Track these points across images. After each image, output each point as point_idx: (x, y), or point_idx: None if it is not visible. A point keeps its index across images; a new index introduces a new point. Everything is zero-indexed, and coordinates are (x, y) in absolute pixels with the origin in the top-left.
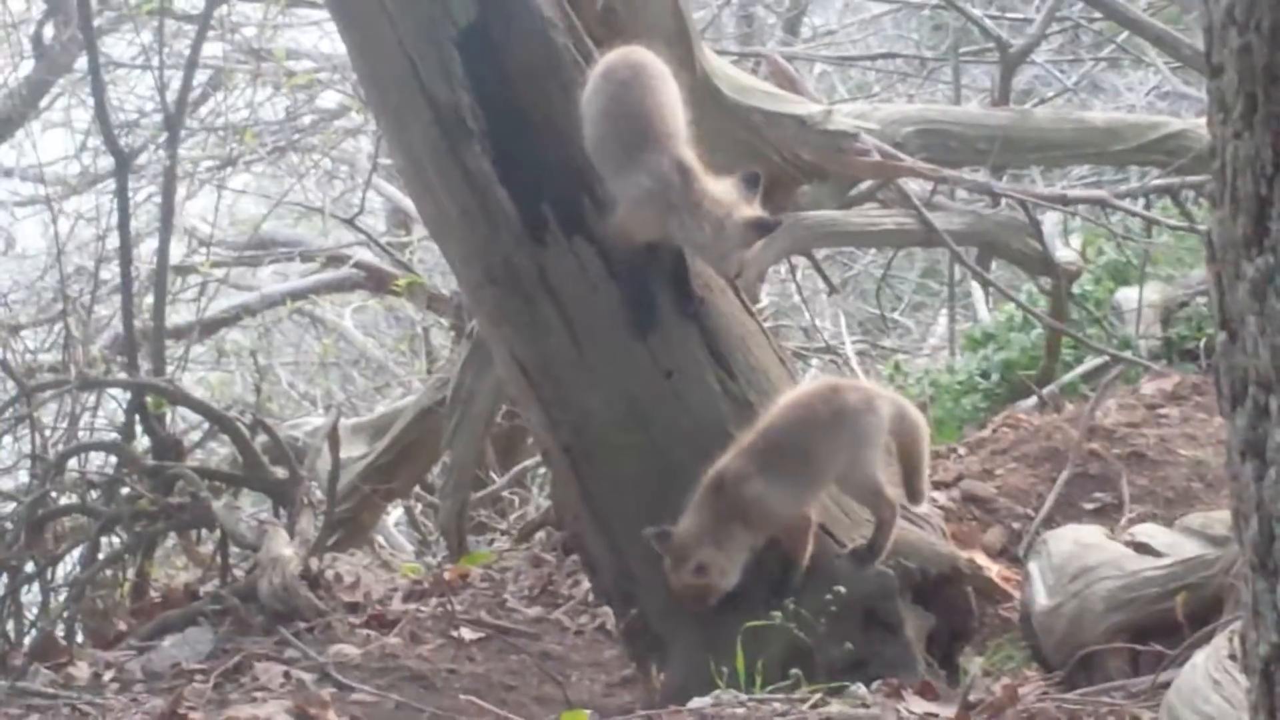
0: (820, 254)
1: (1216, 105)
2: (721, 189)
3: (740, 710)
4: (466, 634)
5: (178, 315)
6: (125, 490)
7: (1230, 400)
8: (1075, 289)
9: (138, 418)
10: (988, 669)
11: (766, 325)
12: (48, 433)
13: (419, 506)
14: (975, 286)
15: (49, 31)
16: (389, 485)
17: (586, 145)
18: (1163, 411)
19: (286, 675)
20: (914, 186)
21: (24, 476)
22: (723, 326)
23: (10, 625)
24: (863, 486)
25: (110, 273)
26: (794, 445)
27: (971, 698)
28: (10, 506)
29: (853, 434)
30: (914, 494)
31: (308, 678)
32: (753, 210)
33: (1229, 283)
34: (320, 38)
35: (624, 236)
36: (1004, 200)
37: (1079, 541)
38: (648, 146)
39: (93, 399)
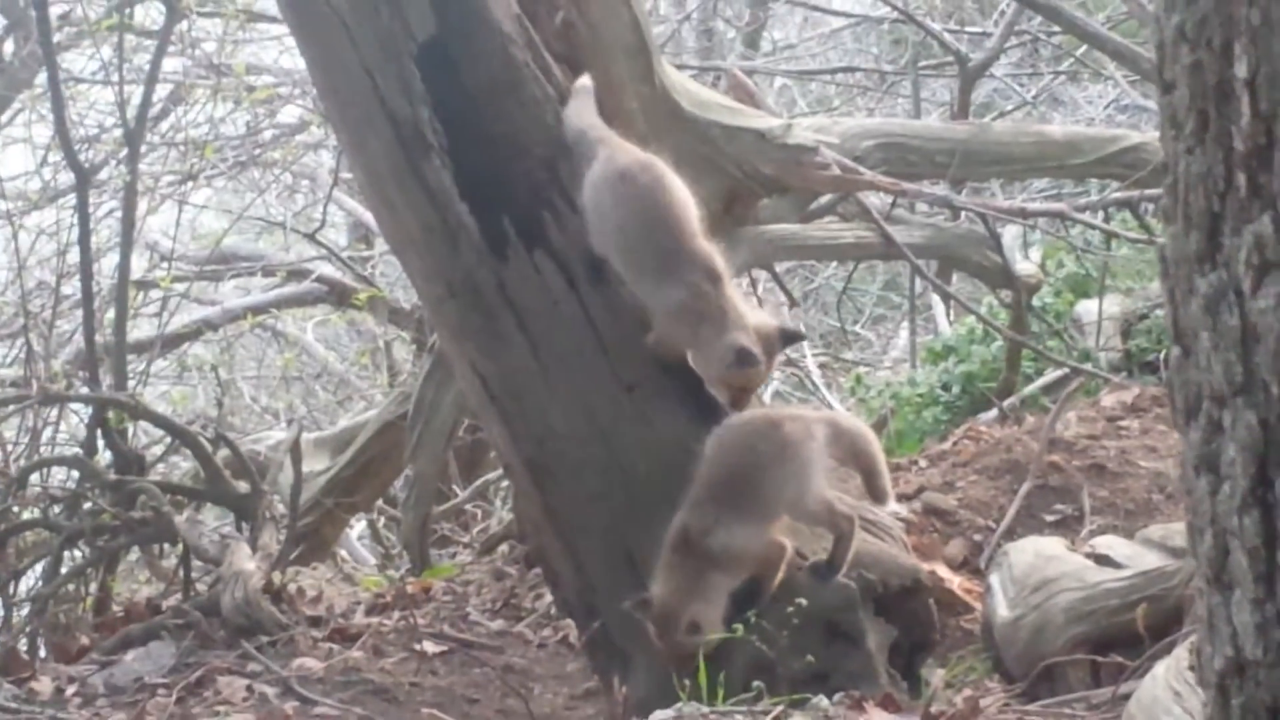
0: (781, 267)
1: (1169, 122)
2: (743, 299)
3: None
4: (429, 647)
5: (139, 330)
6: (87, 505)
7: (1184, 415)
8: (1035, 302)
9: (99, 432)
10: (949, 680)
11: None
12: (9, 448)
13: (381, 520)
14: (936, 299)
15: (8, 47)
16: (351, 499)
17: (603, 243)
18: (1123, 424)
19: (249, 689)
20: (874, 200)
21: None
22: None
23: None
24: (814, 511)
25: (71, 288)
26: (745, 486)
27: (933, 709)
28: None
29: (797, 465)
30: (878, 495)
31: (270, 691)
32: (775, 320)
33: (1182, 298)
34: (281, 53)
35: (667, 350)
36: (964, 213)
37: (1040, 553)
38: (681, 256)
39: (54, 414)
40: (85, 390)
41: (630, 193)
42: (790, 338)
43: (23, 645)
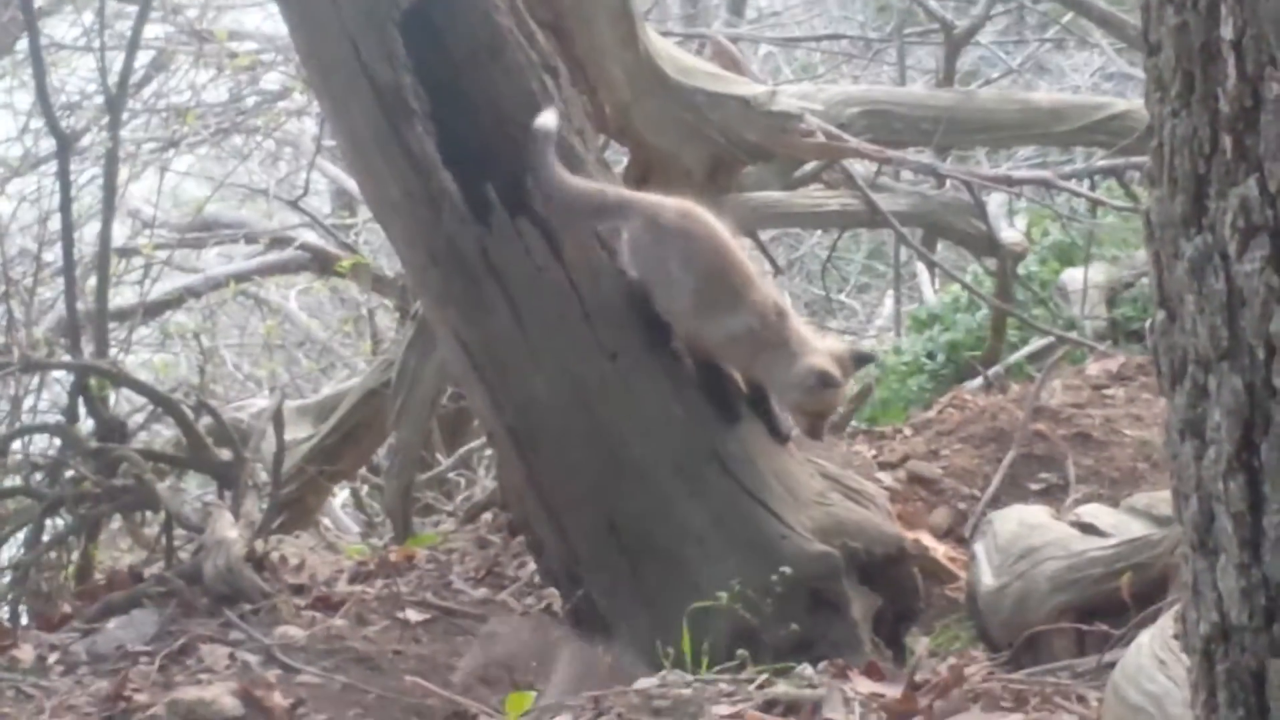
0: (766, 235)
1: (1154, 84)
2: (809, 331)
3: (686, 691)
4: (412, 615)
5: (121, 297)
6: (69, 473)
7: (1170, 379)
8: (1020, 270)
9: (81, 400)
10: (934, 649)
11: None
12: None
13: (364, 488)
14: (921, 268)
15: None
16: (334, 467)
17: (671, 296)
18: (1108, 392)
19: (232, 657)
20: (859, 167)
21: None
22: None
23: None
24: None
25: (53, 255)
26: None
27: (917, 678)
28: None
29: None
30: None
31: (253, 659)
32: (840, 348)
33: (1167, 262)
34: (263, 19)
35: (709, 356)
36: (949, 181)
37: (1024, 522)
38: (751, 292)
39: (36, 381)
40: (67, 358)
41: (692, 245)
42: (862, 359)
43: (4, 613)
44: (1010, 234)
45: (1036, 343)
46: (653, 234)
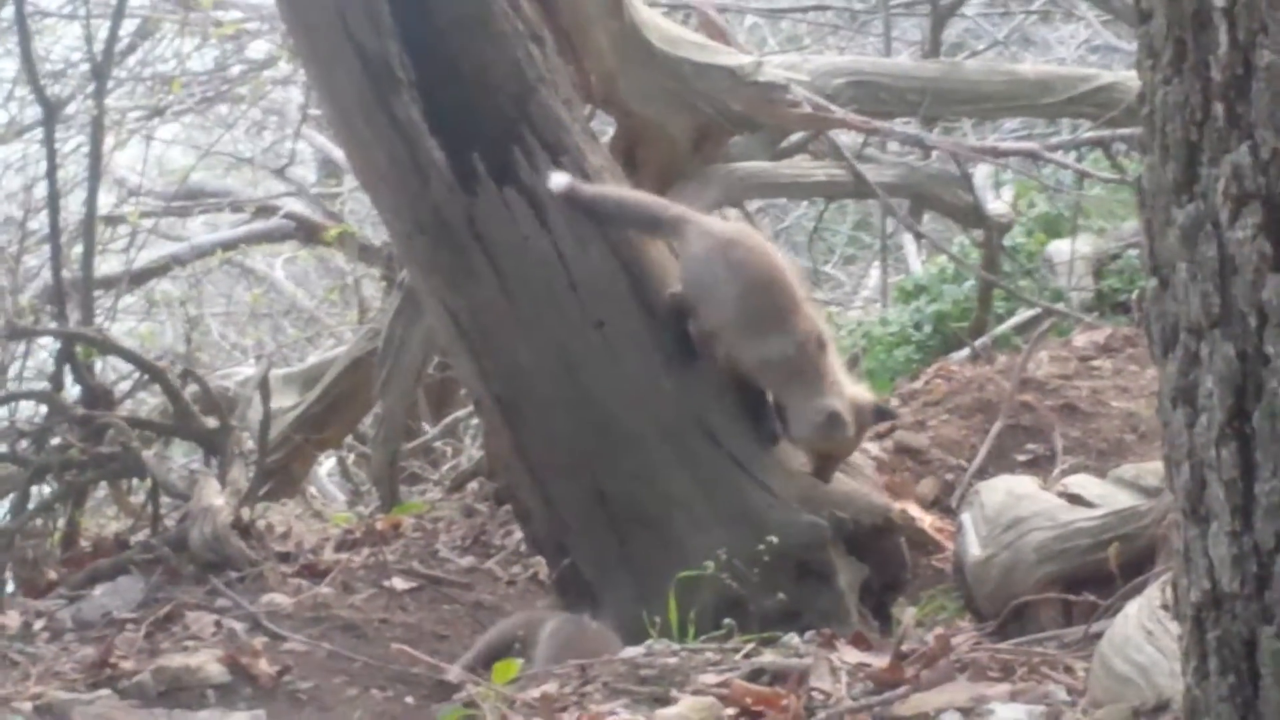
0: (752, 206)
1: (1146, 51)
2: (843, 372)
3: (673, 660)
4: (399, 584)
5: (107, 265)
6: (55, 440)
7: (1161, 347)
8: (1007, 241)
9: (67, 367)
10: (921, 619)
11: None
12: None
13: (351, 456)
14: (907, 239)
15: None
16: (320, 435)
17: (716, 312)
18: (1095, 363)
19: (218, 624)
20: (845, 138)
21: None
22: (652, 276)
23: None
24: None
25: (39, 223)
26: None
27: (904, 648)
28: None
29: None
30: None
31: (239, 627)
32: (866, 398)
33: (1159, 229)
34: None
35: (744, 377)
36: (935, 152)
37: (1011, 492)
38: (797, 315)
39: (22, 349)
40: (53, 325)
41: (744, 259)
42: (883, 414)
43: None
44: (997, 205)
45: (1023, 314)
46: (706, 250)
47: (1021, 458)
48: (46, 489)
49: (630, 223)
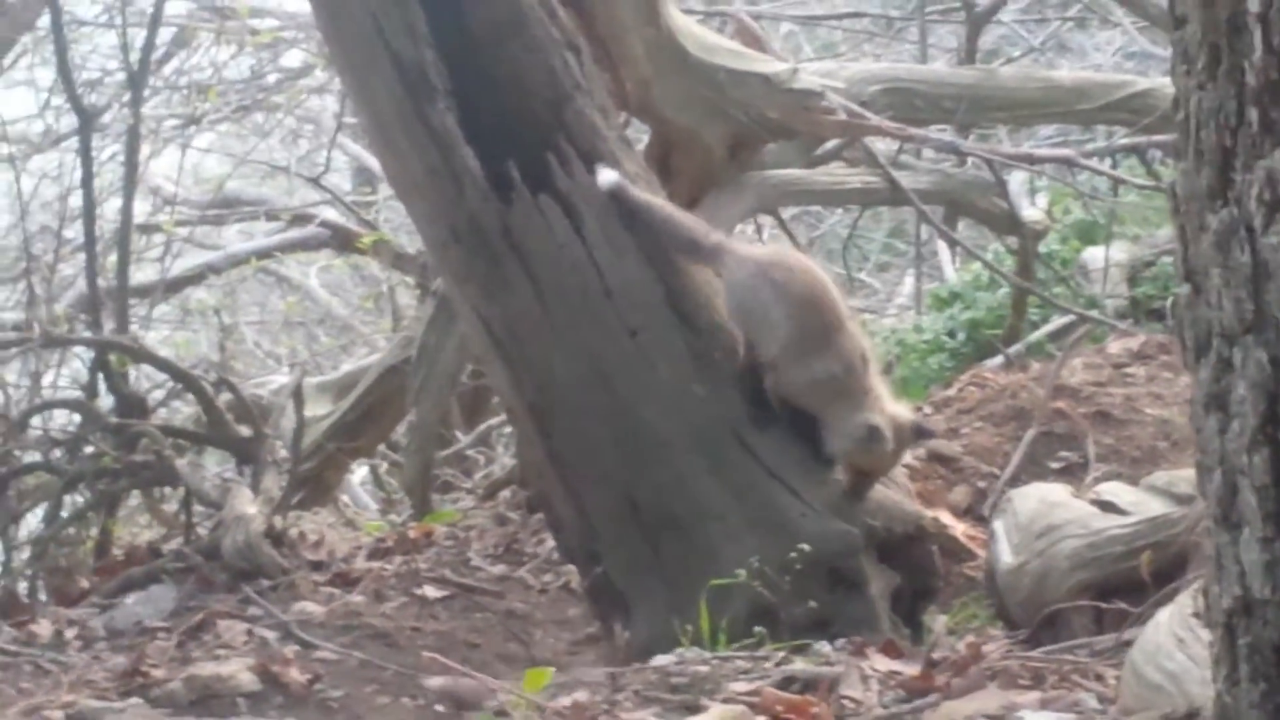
0: (787, 213)
1: (1180, 57)
2: (884, 387)
3: (704, 668)
4: (430, 592)
5: (142, 274)
6: (89, 448)
7: (1194, 353)
8: (1042, 248)
9: (101, 376)
10: (952, 627)
11: None
12: (11, 390)
13: (384, 465)
14: (942, 246)
15: None
16: (354, 444)
17: (767, 335)
18: (1129, 371)
19: (249, 633)
20: (880, 145)
21: None
22: (687, 285)
23: None
24: None
25: (74, 231)
26: None
27: (936, 656)
28: None
29: None
30: None
31: (271, 636)
32: (907, 416)
33: (1193, 235)
34: None
35: (791, 401)
36: (970, 159)
37: (1044, 500)
38: (843, 334)
39: (56, 357)
40: (87, 333)
41: (788, 280)
42: (923, 433)
43: (23, 588)
44: (1031, 212)
45: (1057, 321)
46: (750, 276)
47: (1054, 465)
48: (80, 498)
49: (671, 240)
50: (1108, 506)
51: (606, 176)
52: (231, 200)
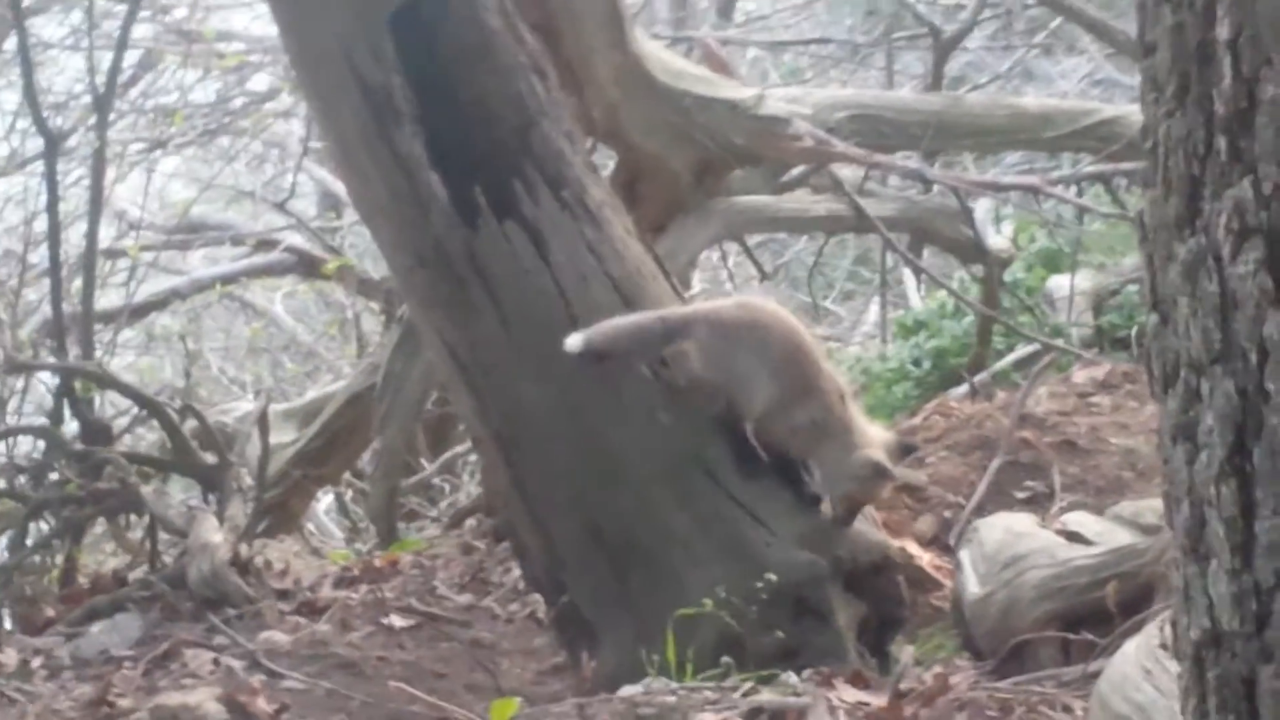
0: (752, 240)
1: (1149, 84)
2: (863, 417)
3: (671, 698)
4: (397, 621)
5: (107, 299)
6: (53, 475)
7: (1162, 383)
8: (1007, 276)
9: (66, 402)
10: (919, 658)
11: None
12: None
13: (349, 493)
14: (907, 274)
15: None
16: (319, 471)
17: (751, 394)
18: (1094, 400)
19: (216, 662)
20: (846, 172)
21: None
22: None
23: None
24: None
25: (39, 256)
26: None
27: (903, 686)
28: None
29: None
30: None
31: (237, 665)
32: (889, 436)
33: (1160, 264)
34: (251, 19)
35: (775, 448)
36: (936, 186)
37: (1010, 530)
38: (820, 378)
39: (21, 383)
40: (52, 359)
41: (767, 340)
42: (908, 450)
43: None
44: (997, 240)
45: (1022, 350)
46: (722, 336)
47: (1020, 495)
48: (45, 525)
49: (645, 345)
50: (1074, 537)
51: (573, 341)
52: (197, 225)
